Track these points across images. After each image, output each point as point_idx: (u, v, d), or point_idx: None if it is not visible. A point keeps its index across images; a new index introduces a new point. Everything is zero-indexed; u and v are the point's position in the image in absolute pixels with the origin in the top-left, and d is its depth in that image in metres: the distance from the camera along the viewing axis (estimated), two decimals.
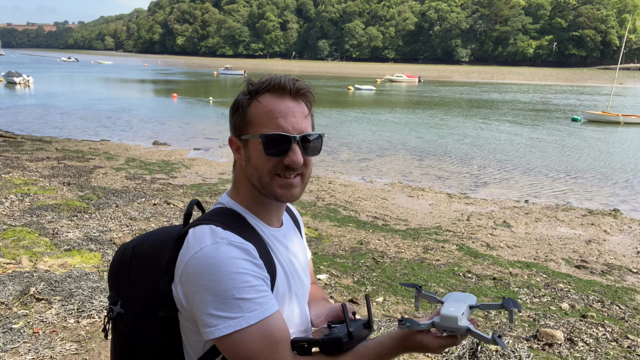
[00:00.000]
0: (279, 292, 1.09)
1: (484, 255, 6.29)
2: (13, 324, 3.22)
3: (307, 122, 1.09)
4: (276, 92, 1.07)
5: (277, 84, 1.07)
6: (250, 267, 1.00)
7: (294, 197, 1.10)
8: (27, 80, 39.15)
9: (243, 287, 0.97)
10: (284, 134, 1.04)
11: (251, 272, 0.99)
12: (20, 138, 14.60)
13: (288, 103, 1.06)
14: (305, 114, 1.08)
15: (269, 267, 1.06)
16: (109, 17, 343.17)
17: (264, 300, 0.99)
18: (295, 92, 1.07)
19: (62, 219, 5.92)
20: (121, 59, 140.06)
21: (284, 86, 1.06)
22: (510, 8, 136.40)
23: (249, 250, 1.02)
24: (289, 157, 1.05)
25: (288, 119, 1.05)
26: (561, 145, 17.60)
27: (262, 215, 1.14)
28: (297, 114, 1.07)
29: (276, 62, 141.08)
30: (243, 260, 1.00)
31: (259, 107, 1.07)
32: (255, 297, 0.98)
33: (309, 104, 1.10)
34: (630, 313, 4.59)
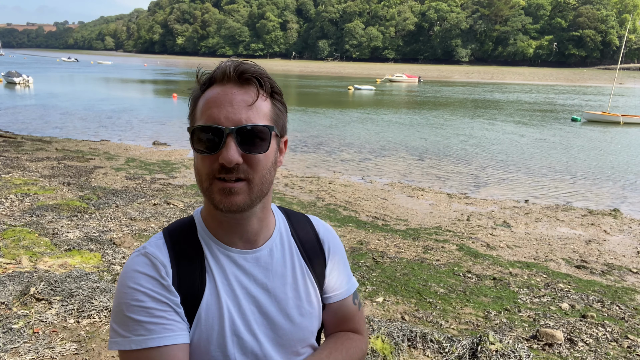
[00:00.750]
0: (202, 324, 0.91)
1: (484, 255, 6.29)
2: (13, 324, 3.22)
3: (252, 112, 0.88)
4: (221, 81, 0.90)
5: (219, 70, 0.91)
6: (149, 286, 0.88)
7: (235, 205, 0.88)
8: (27, 80, 39.15)
9: (132, 306, 0.87)
10: (212, 125, 0.86)
11: (148, 292, 0.88)
12: (20, 138, 14.60)
13: (228, 89, 0.89)
14: (249, 102, 0.88)
15: (189, 292, 0.91)
16: (109, 17, 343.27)
17: (154, 327, 0.86)
18: (237, 76, 0.89)
19: (62, 219, 5.92)
20: (121, 59, 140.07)
21: (224, 71, 0.90)
22: (510, 8, 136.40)
23: (157, 266, 0.90)
24: (221, 155, 0.86)
25: (223, 109, 0.87)
26: (561, 145, 17.60)
27: (216, 230, 0.97)
28: (236, 101, 0.88)
29: (276, 62, 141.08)
30: (144, 275, 0.89)
31: (202, 100, 0.92)
32: (144, 320, 0.86)
33: (258, 90, 0.90)
34: (630, 313, 4.59)
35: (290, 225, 1.09)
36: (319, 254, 1.08)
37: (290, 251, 1.04)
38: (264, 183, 0.91)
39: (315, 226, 1.12)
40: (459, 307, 4.48)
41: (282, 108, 0.96)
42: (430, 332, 3.50)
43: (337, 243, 1.14)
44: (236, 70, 0.89)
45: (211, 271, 0.95)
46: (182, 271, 0.93)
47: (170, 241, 0.96)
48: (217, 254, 0.96)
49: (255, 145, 0.88)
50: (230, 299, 0.94)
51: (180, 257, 0.94)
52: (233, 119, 0.87)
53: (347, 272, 1.14)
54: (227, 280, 0.95)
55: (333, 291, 1.09)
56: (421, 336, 3.42)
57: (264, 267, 0.99)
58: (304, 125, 20.84)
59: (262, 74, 0.91)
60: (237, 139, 0.86)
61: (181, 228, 0.99)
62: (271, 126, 0.91)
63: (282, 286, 1.00)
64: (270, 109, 0.92)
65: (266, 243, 1.00)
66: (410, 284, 4.96)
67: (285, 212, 1.12)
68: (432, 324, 4.05)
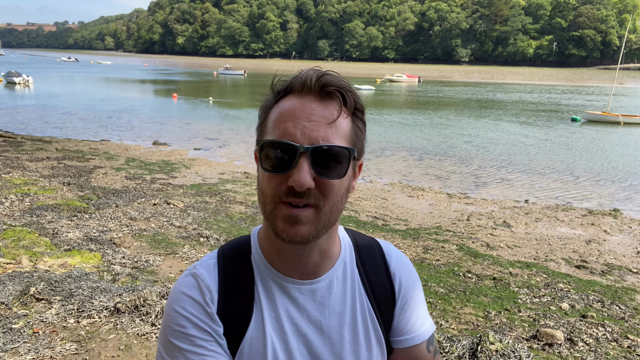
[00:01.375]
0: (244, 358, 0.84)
1: (484, 255, 6.29)
2: (13, 324, 3.22)
3: (331, 131, 0.78)
4: (299, 92, 0.80)
5: (298, 79, 0.81)
6: (193, 311, 0.82)
7: (298, 236, 0.79)
8: (26, 80, 39.16)
9: (175, 331, 0.82)
10: (285, 141, 0.77)
11: (191, 317, 0.82)
12: (20, 138, 14.60)
13: (307, 103, 0.79)
14: (330, 119, 0.78)
15: (234, 323, 0.84)
16: (109, 17, 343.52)
17: (194, 358, 0.80)
18: (319, 88, 0.79)
19: (62, 219, 5.92)
20: (121, 59, 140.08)
21: (304, 81, 0.79)
22: (510, 8, 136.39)
23: (203, 290, 0.84)
24: (291, 176, 0.76)
25: (299, 123, 0.77)
26: (561, 145, 17.60)
27: (271, 256, 0.88)
28: (314, 116, 0.77)
29: (276, 62, 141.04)
30: (189, 299, 0.83)
31: (275, 111, 0.82)
32: (185, 348, 0.81)
33: (341, 107, 0.80)
34: (630, 313, 4.59)
35: (357, 253, 0.95)
36: (387, 290, 0.94)
37: (352, 285, 0.91)
38: (333, 212, 0.81)
39: (386, 255, 0.98)
40: (459, 307, 4.48)
41: (363, 127, 0.86)
42: None
43: (412, 277, 0.98)
44: (318, 82, 0.79)
45: (260, 302, 0.86)
46: (229, 299, 0.85)
47: (223, 262, 0.89)
48: (269, 283, 0.87)
49: (331, 168, 0.78)
50: (276, 336, 0.85)
51: (229, 282, 0.86)
52: (309, 137, 0.76)
53: (423, 312, 0.98)
54: (276, 314, 0.86)
55: (403, 335, 0.95)
56: None
57: (320, 302, 0.88)
58: None
59: (345, 87, 0.80)
60: (311, 160, 0.76)
61: (236, 249, 0.91)
62: (351, 149, 0.80)
63: (339, 326, 0.88)
64: (350, 129, 0.82)
65: (326, 274, 0.89)
66: None
67: (354, 236, 0.99)
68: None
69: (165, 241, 5.57)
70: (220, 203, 8.10)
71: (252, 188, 9.69)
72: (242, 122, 21.54)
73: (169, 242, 5.54)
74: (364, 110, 0.86)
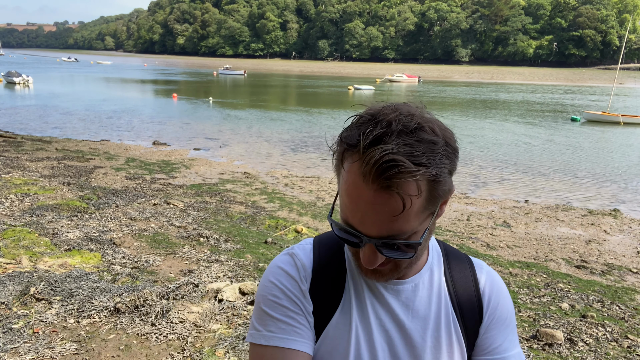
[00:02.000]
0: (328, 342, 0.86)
1: (484, 255, 6.29)
2: (13, 324, 3.22)
3: (396, 221, 0.71)
4: (360, 167, 0.71)
5: (362, 156, 0.70)
6: (288, 285, 0.86)
7: (380, 281, 0.84)
8: (26, 80, 39.16)
9: (269, 300, 0.85)
10: (349, 229, 0.76)
11: (285, 290, 0.85)
12: (20, 138, 14.60)
13: (364, 192, 0.71)
14: (394, 213, 0.70)
15: (322, 304, 0.86)
16: (109, 17, 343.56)
17: (285, 327, 0.83)
18: (376, 182, 0.69)
19: (62, 219, 5.92)
20: (121, 59, 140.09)
21: (365, 164, 0.69)
22: (510, 8, 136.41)
23: (299, 268, 0.87)
24: (361, 253, 0.78)
25: (358, 213, 0.73)
26: (561, 145, 17.60)
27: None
28: (373, 213, 0.71)
29: (276, 62, 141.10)
30: (285, 274, 0.87)
31: (344, 174, 0.76)
32: (277, 317, 0.84)
33: (408, 194, 0.69)
34: (630, 313, 4.59)
35: (446, 263, 0.94)
36: (474, 306, 0.90)
37: (438, 293, 0.90)
38: (412, 263, 0.83)
39: (477, 272, 0.94)
40: None
41: (447, 174, 0.74)
42: None
43: (504, 299, 0.93)
44: (378, 174, 0.68)
45: (349, 291, 0.87)
46: (321, 281, 0.87)
47: (319, 249, 0.91)
48: (357, 276, 0.88)
49: (402, 251, 0.76)
50: (361, 325, 0.86)
51: (323, 267, 0.88)
52: (372, 229, 0.73)
53: (512, 338, 0.91)
54: (363, 305, 0.87)
55: (485, 354, 0.90)
56: None
57: (404, 302, 0.87)
58: (304, 125, 20.84)
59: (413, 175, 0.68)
60: (379, 245, 0.75)
61: (331, 240, 0.92)
62: (418, 243, 0.75)
63: (422, 330, 0.87)
64: (424, 201, 0.72)
65: (412, 277, 0.88)
66: None
67: (444, 248, 0.97)
68: None
69: (165, 241, 5.57)
70: (220, 203, 8.10)
71: (252, 188, 9.69)
72: (242, 122, 21.54)
73: (169, 242, 5.54)
74: (455, 150, 0.76)
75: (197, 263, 4.90)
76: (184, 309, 3.52)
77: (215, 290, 3.96)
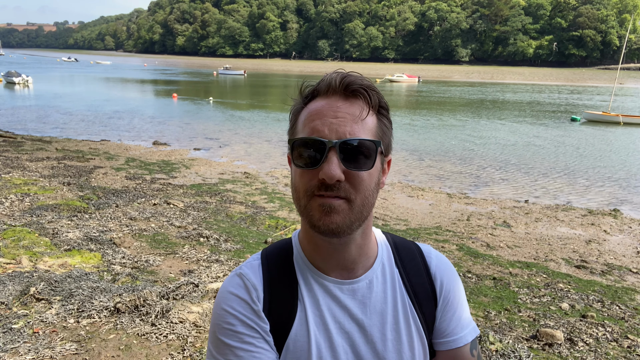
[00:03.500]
0: (290, 356, 0.86)
1: (484, 255, 6.29)
2: (13, 324, 3.22)
3: (358, 126, 0.81)
4: (325, 93, 0.85)
5: (324, 82, 0.85)
6: (240, 309, 0.86)
7: (334, 224, 0.81)
8: (26, 80, 39.17)
9: (224, 328, 0.85)
10: (314, 138, 0.81)
11: (238, 315, 0.85)
12: (20, 138, 14.60)
13: (333, 102, 0.83)
14: (355, 116, 0.82)
15: (279, 320, 0.87)
16: (109, 17, 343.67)
17: (243, 354, 0.83)
18: (343, 88, 0.83)
19: (62, 219, 5.91)
20: (121, 59, 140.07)
21: (329, 83, 0.84)
22: (510, 8, 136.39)
23: (249, 288, 0.87)
24: (322, 170, 0.79)
25: (326, 120, 0.81)
26: (561, 145, 17.60)
27: (312, 255, 0.90)
28: (341, 113, 0.81)
29: (276, 62, 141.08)
30: (236, 298, 0.87)
31: (304, 113, 0.86)
32: (234, 345, 0.84)
33: (368, 105, 0.84)
34: (630, 313, 4.59)
35: (396, 255, 0.96)
36: (428, 291, 0.94)
37: (392, 285, 0.92)
38: (365, 205, 0.83)
39: (426, 257, 0.98)
40: None
41: (388, 124, 0.88)
42: None
43: (453, 279, 0.98)
44: (342, 83, 0.83)
45: (303, 300, 0.88)
46: (274, 297, 0.88)
47: (267, 263, 0.92)
48: (310, 282, 0.89)
49: (360, 161, 0.81)
50: (320, 332, 0.87)
51: (274, 281, 0.89)
52: (337, 132, 0.80)
53: (465, 315, 0.97)
54: (320, 312, 0.88)
55: (445, 337, 0.94)
56: None
57: (361, 300, 0.89)
58: None
59: (369, 86, 0.84)
60: (340, 154, 0.80)
61: (279, 250, 0.94)
62: (377, 141, 0.83)
63: (381, 325, 0.89)
64: (376, 125, 0.85)
65: (366, 274, 0.90)
66: None
67: (392, 239, 1.00)
68: None
69: (165, 241, 5.57)
70: (220, 203, 8.10)
71: (252, 188, 9.69)
72: (243, 122, 21.54)
73: (169, 242, 5.54)
74: (388, 109, 0.89)
75: (197, 263, 4.90)
76: (184, 309, 3.52)
77: (215, 290, 3.96)
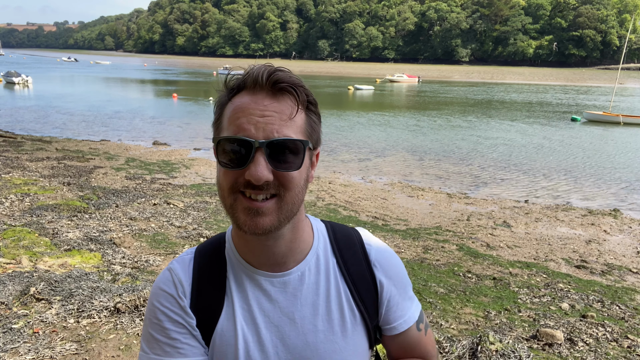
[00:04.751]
0: (216, 351, 0.87)
1: (484, 255, 6.29)
2: (13, 324, 3.22)
3: (287, 125, 0.79)
4: (251, 88, 0.81)
5: (250, 77, 0.81)
6: (168, 305, 0.87)
7: (260, 228, 0.79)
8: (25, 80, 39.17)
9: (153, 324, 0.87)
10: (240, 137, 0.77)
11: (166, 311, 0.86)
12: (20, 138, 14.60)
13: (260, 100, 0.79)
14: (285, 114, 0.79)
15: (205, 315, 0.87)
16: (109, 17, 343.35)
17: (169, 350, 0.85)
18: (270, 85, 0.80)
19: (62, 219, 5.91)
20: (121, 59, 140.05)
21: (256, 78, 0.80)
22: (510, 8, 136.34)
23: (176, 284, 0.88)
24: (248, 170, 0.77)
25: (252, 119, 0.78)
26: (561, 145, 17.59)
27: (243, 250, 0.89)
28: (268, 112, 0.78)
29: (276, 62, 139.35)
30: (164, 293, 0.87)
31: (230, 107, 0.82)
32: (161, 340, 0.86)
33: (296, 102, 0.81)
34: (630, 313, 4.59)
35: (334, 244, 0.95)
36: (367, 279, 0.93)
37: (327, 276, 0.91)
38: (294, 202, 0.82)
39: (365, 245, 0.96)
40: (459, 307, 4.48)
41: (317, 119, 0.87)
42: None
43: (393, 264, 0.96)
44: (270, 79, 0.79)
45: (231, 294, 0.88)
46: (201, 292, 0.88)
47: (198, 257, 0.92)
48: (241, 276, 0.89)
49: (288, 161, 0.79)
50: (248, 327, 0.87)
51: (203, 276, 0.89)
52: (264, 131, 0.77)
53: (408, 297, 0.97)
54: (248, 306, 0.88)
55: (390, 322, 0.95)
56: None
57: (292, 293, 0.88)
58: None
59: (297, 83, 0.81)
60: (267, 154, 0.77)
61: (211, 245, 0.94)
62: (306, 141, 0.81)
63: (312, 317, 0.89)
64: (304, 122, 0.83)
65: (298, 266, 0.89)
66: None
67: (332, 227, 0.98)
68: (432, 324, 4.05)
69: (165, 241, 5.57)
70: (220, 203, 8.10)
71: None
72: None
73: (169, 242, 5.54)
74: (316, 104, 0.87)
75: None
76: None
77: None
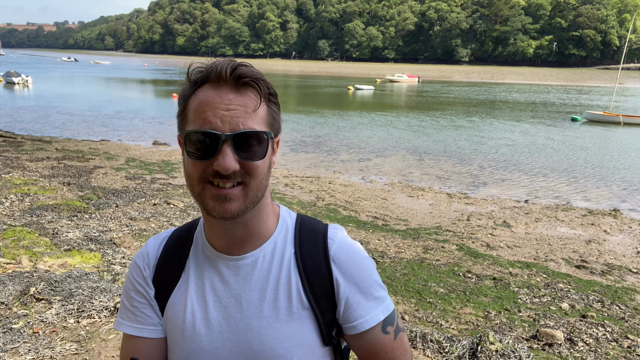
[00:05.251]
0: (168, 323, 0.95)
1: (484, 255, 6.29)
2: (13, 324, 3.22)
3: (251, 118, 0.84)
4: (215, 82, 0.85)
5: (213, 71, 0.85)
6: (135, 275, 0.98)
7: (228, 212, 0.84)
8: (25, 80, 39.17)
9: (124, 291, 0.99)
10: (208, 130, 0.82)
11: (132, 280, 0.98)
12: (20, 138, 14.60)
13: (224, 94, 0.84)
14: (249, 107, 0.84)
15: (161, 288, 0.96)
16: (109, 17, 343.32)
17: (130, 315, 0.97)
18: (233, 80, 0.84)
19: (62, 219, 5.91)
20: (120, 59, 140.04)
21: (220, 73, 0.84)
22: (510, 8, 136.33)
23: (144, 256, 0.99)
24: (216, 161, 0.82)
25: (218, 112, 0.82)
26: (561, 145, 17.60)
27: (209, 233, 0.96)
28: (233, 105, 0.83)
29: (276, 62, 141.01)
30: (134, 265, 0.99)
31: (194, 100, 0.87)
32: (126, 306, 0.98)
33: (259, 95, 0.85)
34: (630, 313, 4.59)
35: (297, 235, 0.97)
36: (323, 272, 0.93)
37: (280, 264, 0.93)
38: (259, 188, 0.87)
39: (328, 240, 0.96)
40: (459, 307, 4.48)
41: (277, 109, 0.92)
42: (430, 332, 3.50)
43: (355, 261, 0.95)
44: (234, 74, 0.83)
45: (188, 271, 0.96)
46: (163, 266, 0.97)
47: (171, 237, 1.01)
48: (201, 256, 0.96)
49: (253, 151, 0.84)
50: (198, 303, 0.93)
51: (169, 253, 0.98)
52: (230, 124, 0.82)
53: (373, 297, 0.94)
54: (202, 284, 0.94)
55: (350, 321, 0.93)
56: (421, 336, 3.42)
57: (243, 277, 0.92)
58: (304, 125, 20.84)
59: (259, 78, 0.86)
60: (233, 146, 0.82)
61: (186, 226, 1.03)
62: (269, 132, 0.87)
63: (258, 302, 0.91)
64: (266, 113, 0.88)
65: (253, 252, 0.93)
66: (410, 284, 4.96)
67: (302, 220, 1.01)
68: (432, 324, 4.05)
69: None
70: None
71: None
72: None
73: None
74: (276, 95, 0.92)
75: None
76: None
77: None
